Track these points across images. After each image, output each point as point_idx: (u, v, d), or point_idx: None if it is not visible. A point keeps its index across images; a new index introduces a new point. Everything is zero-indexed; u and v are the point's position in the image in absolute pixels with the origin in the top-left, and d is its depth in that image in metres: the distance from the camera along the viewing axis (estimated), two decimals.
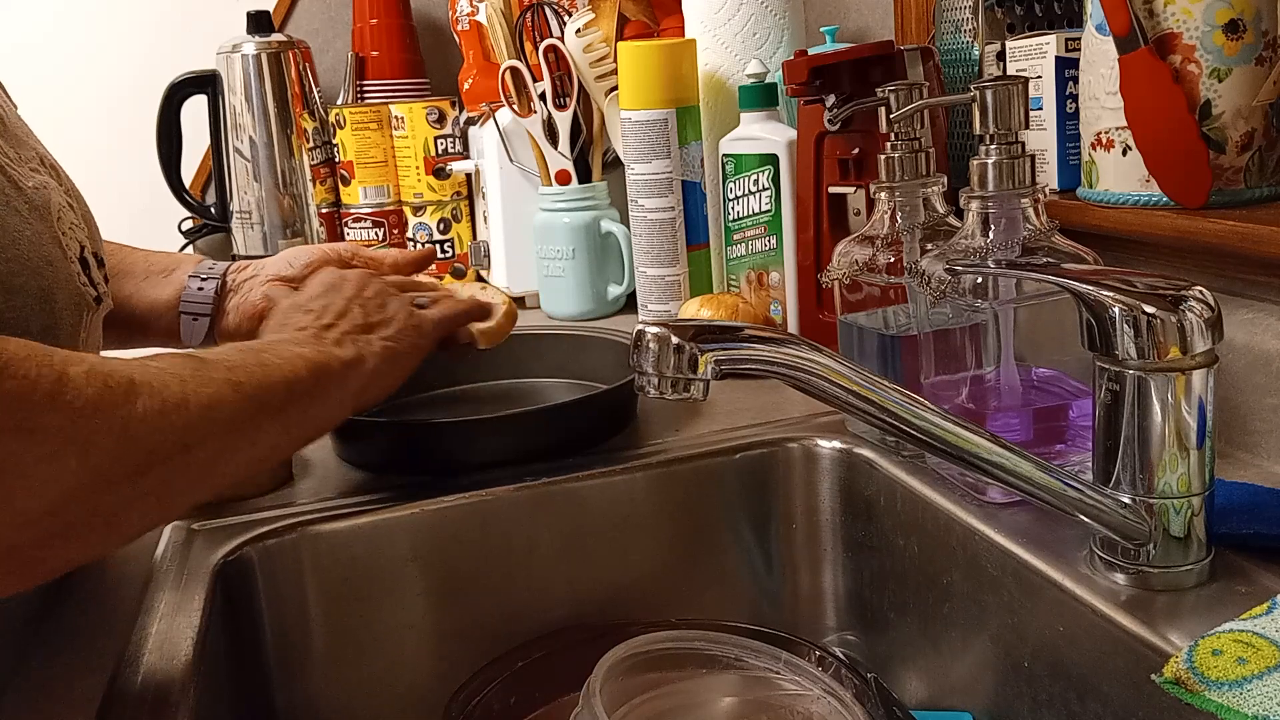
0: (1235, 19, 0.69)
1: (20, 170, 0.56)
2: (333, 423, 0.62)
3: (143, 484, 0.46)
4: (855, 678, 0.64)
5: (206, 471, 0.50)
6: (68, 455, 0.42)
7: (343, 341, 0.62)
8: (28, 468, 0.41)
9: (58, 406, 0.42)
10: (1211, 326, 0.49)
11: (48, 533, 0.43)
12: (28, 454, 0.41)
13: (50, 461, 0.42)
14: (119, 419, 0.44)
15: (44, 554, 0.44)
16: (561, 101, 1.19)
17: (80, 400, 0.43)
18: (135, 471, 0.46)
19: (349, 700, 0.70)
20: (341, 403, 0.61)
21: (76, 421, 0.43)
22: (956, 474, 0.65)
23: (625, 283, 1.19)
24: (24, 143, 0.59)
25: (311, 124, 1.40)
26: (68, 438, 0.42)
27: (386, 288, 0.70)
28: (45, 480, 0.42)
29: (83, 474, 0.43)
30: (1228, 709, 0.42)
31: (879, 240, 0.72)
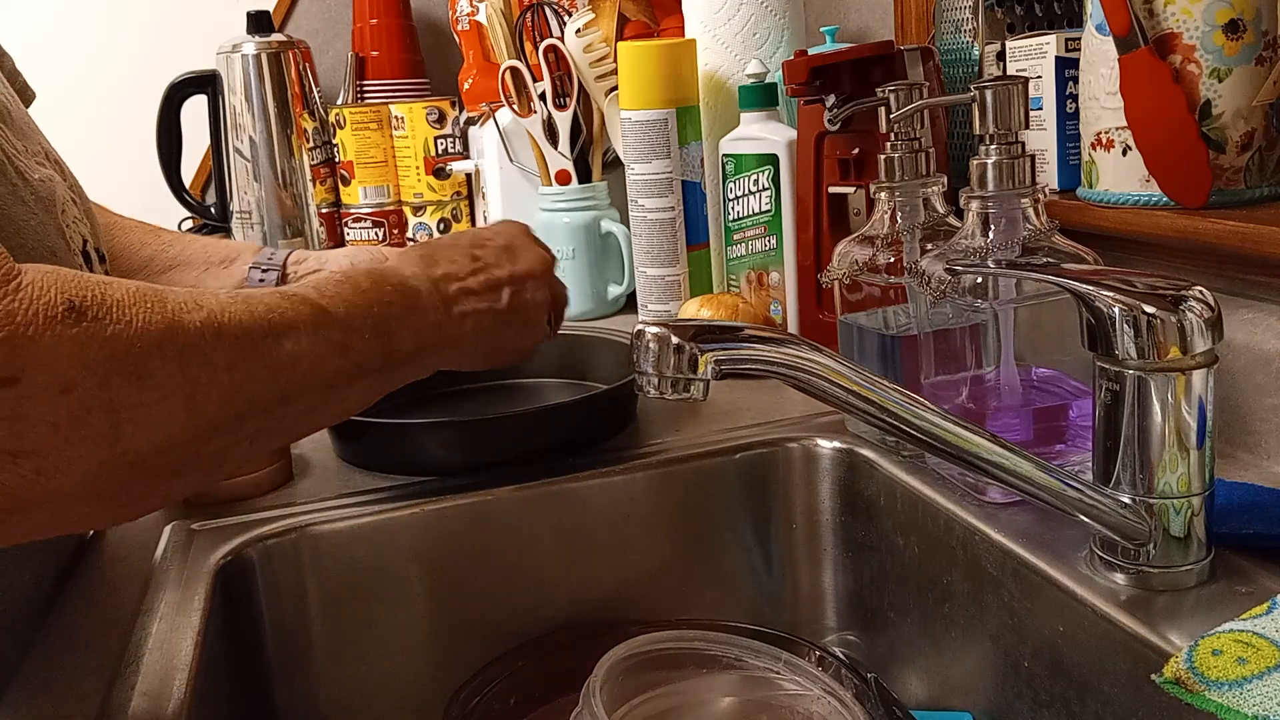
0: (1235, 19, 0.69)
1: (27, 162, 0.56)
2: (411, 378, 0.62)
3: (243, 430, 0.47)
4: (855, 678, 0.64)
5: (298, 422, 0.52)
6: (175, 401, 0.43)
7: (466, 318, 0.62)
8: (138, 411, 0.42)
9: (166, 354, 0.43)
10: (1211, 326, 0.49)
11: (154, 471, 0.44)
12: (137, 398, 0.41)
13: (159, 406, 0.42)
14: (229, 370, 0.45)
15: (148, 490, 0.45)
16: (561, 101, 1.19)
17: (192, 348, 0.44)
18: (238, 419, 0.46)
19: (349, 700, 0.70)
20: (425, 369, 0.61)
21: (187, 368, 0.43)
22: (956, 474, 0.65)
23: (625, 283, 1.19)
24: (29, 136, 0.60)
25: (311, 124, 1.40)
26: (177, 384, 0.43)
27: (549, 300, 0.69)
28: (154, 424, 0.42)
29: (190, 420, 0.44)
30: (1228, 709, 0.42)
31: (879, 240, 0.72)
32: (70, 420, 0.39)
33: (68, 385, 0.39)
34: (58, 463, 0.40)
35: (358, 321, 0.54)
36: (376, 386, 0.57)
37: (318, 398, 0.52)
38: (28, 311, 0.38)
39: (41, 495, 0.40)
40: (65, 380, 0.39)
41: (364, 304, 0.55)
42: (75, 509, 0.43)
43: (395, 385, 0.59)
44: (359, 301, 0.55)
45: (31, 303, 0.39)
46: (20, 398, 0.38)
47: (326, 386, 0.52)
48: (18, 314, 0.38)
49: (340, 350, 0.52)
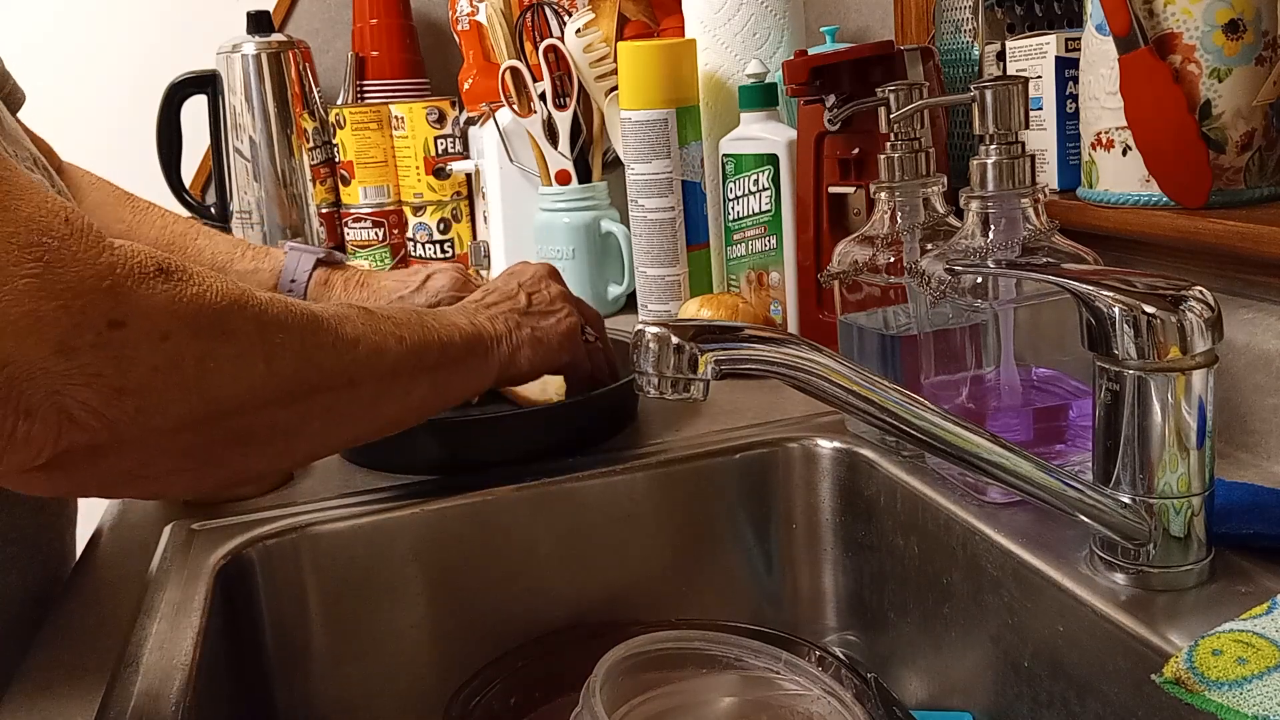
0: (1235, 19, 0.69)
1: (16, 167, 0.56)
2: (475, 390, 0.68)
3: (315, 405, 0.52)
4: (855, 678, 0.64)
5: (366, 409, 0.56)
6: (256, 358, 0.47)
7: (496, 319, 0.68)
8: (223, 363, 0.46)
9: (246, 314, 0.47)
10: (1211, 326, 0.49)
11: (233, 433, 0.48)
12: (223, 350, 0.46)
13: (241, 360, 0.47)
14: (300, 339, 0.50)
15: (226, 453, 0.49)
16: (561, 101, 1.19)
17: (267, 314, 0.48)
18: (310, 391, 0.51)
19: (349, 700, 0.70)
20: (484, 374, 0.67)
21: (264, 330, 0.48)
22: (956, 474, 0.65)
23: (625, 283, 1.19)
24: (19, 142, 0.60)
25: (311, 124, 1.40)
26: (256, 342, 0.48)
27: (564, 292, 0.76)
28: (236, 377, 0.47)
29: (268, 380, 0.48)
30: (1228, 709, 0.42)
31: (879, 240, 0.72)
32: (168, 364, 0.44)
33: (165, 333, 0.44)
34: (156, 402, 0.44)
35: (404, 320, 0.59)
36: (438, 387, 0.61)
37: (383, 385, 0.56)
38: (125, 266, 0.42)
39: (139, 433, 0.44)
40: (163, 328, 0.43)
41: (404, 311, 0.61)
42: (161, 459, 0.46)
43: (456, 392, 0.65)
44: (398, 310, 0.60)
45: (128, 260, 0.43)
46: (127, 340, 0.42)
47: (389, 373, 0.56)
48: (118, 267, 0.42)
49: (395, 339, 0.57)
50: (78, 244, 0.41)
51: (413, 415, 0.62)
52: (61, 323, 0.40)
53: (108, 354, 0.42)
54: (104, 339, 0.42)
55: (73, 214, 0.42)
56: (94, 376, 0.42)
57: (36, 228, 0.40)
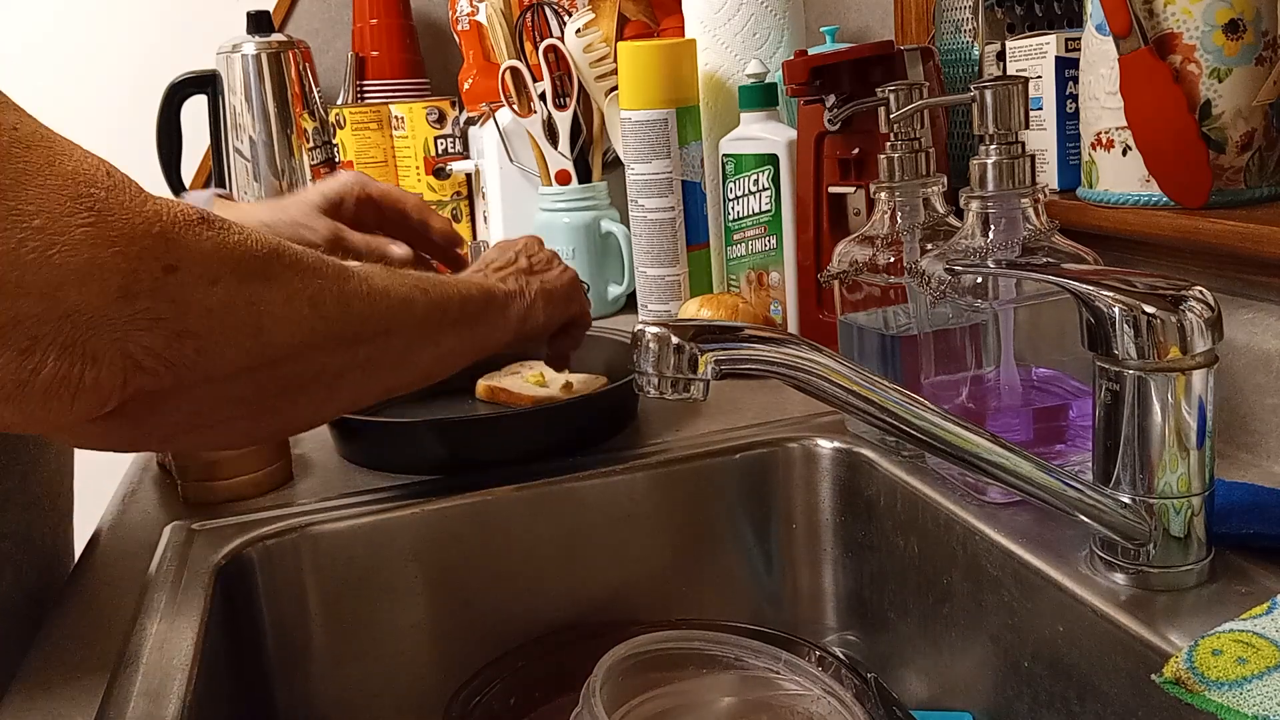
0: (1235, 19, 0.69)
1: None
2: (499, 343, 0.69)
3: (357, 353, 0.53)
4: (855, 678, 0.64)
5: (401, 358, 0.58)
6: (301, 302, 0.49)
7: (506, 279, 0.71)
8: (271, 308, 0.47)
9: (286, 261, 0.49)
10: (1211, 326, 0.49)
11: (283, 380, 0.50)
12: (269, 295, 0.47)
13: (289, 304, 0.48)
14: (338, 286, 0.51)
15: (277, 404, 0.51)
16: (561, 101, 1.19)
17: (304, 262, 0.50)
18: (352, 339, 0.53)
19: (349, 700, 0.70)
20: (505, 326, 0.69)
21: (305, 276, 0.49)
22: (956, 474, 0.65)
23: (625, 283, 1.19)
24: None
25: (311, 124, 1.39)
26: (300, 287, 0.49)
27: (554, 252, 0.79)
28: (285, 320, 0.48)
29: (314, 325, 0.50)
30: (1228, 709, 0.42)
31: (879, 240, 0.72)
32: (221, 307, 0.45)
33: (214, 277, 0.45)
34: (214, 345, 0.45)
35: (422, 277, 0.61)
36: (464, 339, 0.64)
37: (414, 335, 0.58)
38: (171, 213, 0.44)
39: (198, 377, 0.45)
40: (212, 273, 0.45)
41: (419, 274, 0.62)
42: (217, 407, 0.48)
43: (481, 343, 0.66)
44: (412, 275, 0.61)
45: (171, 208, 0.44)
46: (180, 284, 0.43)
47: (419, 324, 0.58)
48: (164, 214, 0.43)
49: (420, 291, 0.58)
50: (123, 194, 0.42)
51: (443, 366, 0.63)
52: (120, 269, 0.41)
53: (165, 298, 0.43)
54: (161, 283, 0.43)
55: (112, 168, 0.43)
56: (155, 321, 0.43)
57: (83, 179, 0.42)
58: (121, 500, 0.75)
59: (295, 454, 0.78)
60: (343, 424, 0.78)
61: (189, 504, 0.72)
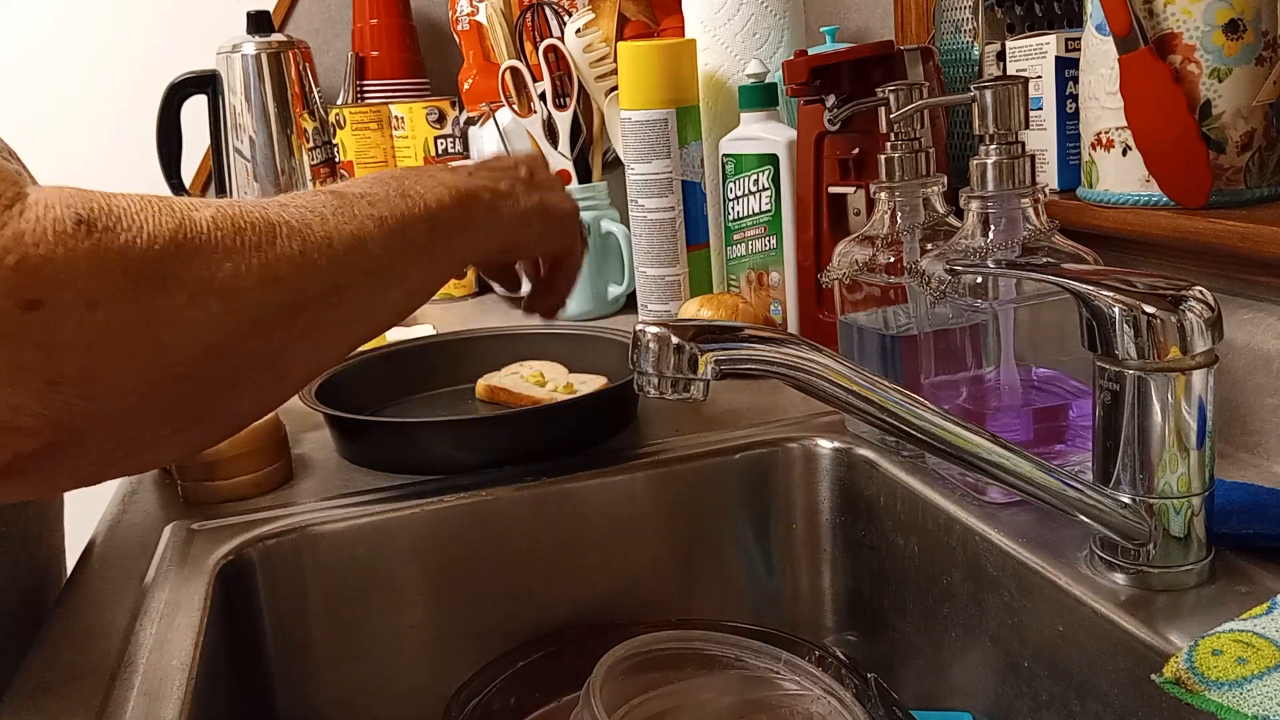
0: (1235, 19, 0.69)
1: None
2: (485, 252, 0.60)
3: (298, 325, 0.45)
4: (855, 678, 0.64)
5: (362, 310, 0.49)
6: (209, 299, 0.41)
7: (498, 179, 0.60)
8: (171, 317, 0.40)
9: (186, 253, 0.40)
10: (1211, 326, 0.49)
11: (209, 383, 0.42)
12: (167, 304, 0.40)
13: (192, 307, 0.40)
14: (258, 260, 0.43)
15: (210, 406, 0.44)
16: (561, 101, 1.19)
17: (211, 243, 0.41)
18: (287, 313, 0.44)
19: (349, 700, 0.70)
20: (490, 232, 0.59)
21: (211, 265, 0.41)
22: (956, 474, 0.65)
23: (625, 283, 1.19)
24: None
25: (311, 124, 1.39)
26: (204, 282, 0.41)
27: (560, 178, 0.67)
28: (192, 327, 0.41)
29: (230, 318, 0.42)
30: (1228, 709, 0.42)
31: (879, 240, 0.72)
32: (105, 336, 0.38)
33: (93, 301, 0.37)
34: (102, 385, 0.38)
35: (380, 193, 0.51)
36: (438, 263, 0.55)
37: (370, 281, 0.49)
38: (36, 231, 0.36)
39: (94, 421, 0.39)
40: (89, 296, 0.37)
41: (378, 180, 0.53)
42: (138, 434, 0.41)
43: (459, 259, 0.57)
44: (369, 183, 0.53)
45: (38, 221, 0.37)
46: (46, 322, 0.36)
47: (375, 267, 0.49)
48: (26, 234, 0.36)
49: (375, 222, 0.49)
50: None
51: (415, 299, 0.55)
52: None
53: (28, 344, 0.36)
54: (19, 325, 0.36)
55: None
56: (17, 373, 0.36)
57: None
58: (121, 500, 0.75)
59: (295, 454, 0.78)
60: (343, 424, 0.78)
61: (189, 504, 0.72)
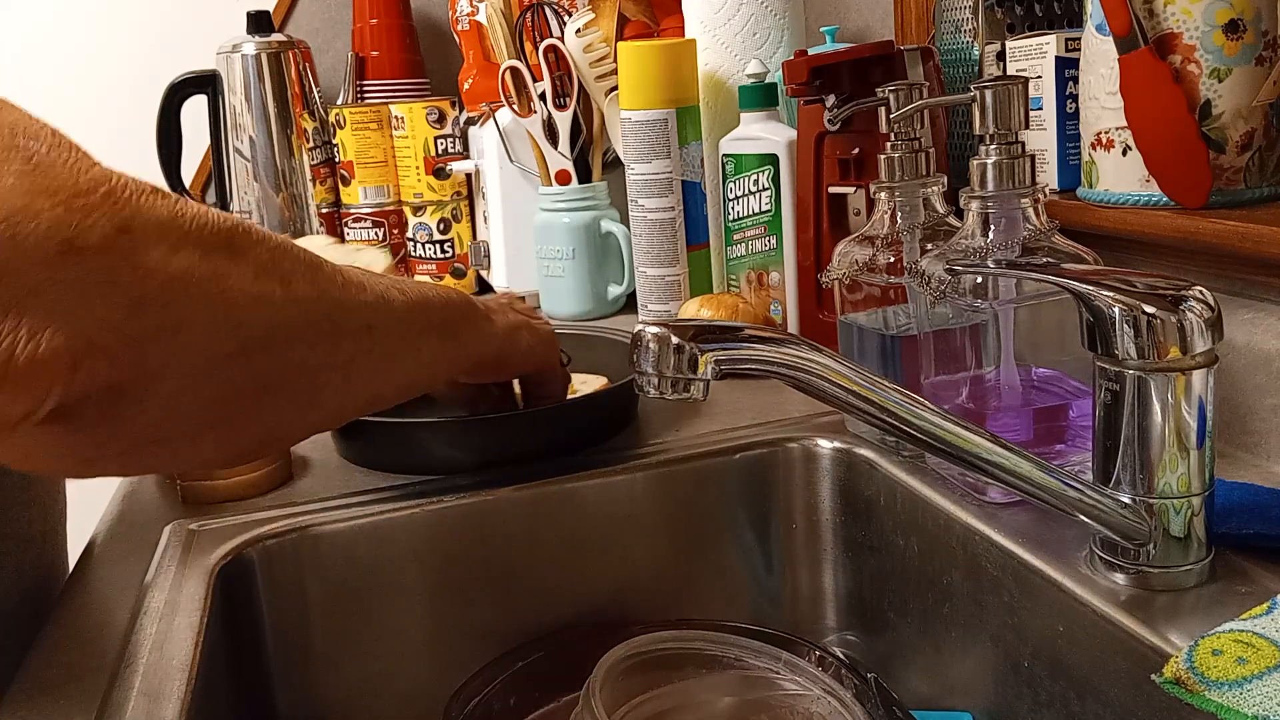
0: (1235, 19, 0.69)
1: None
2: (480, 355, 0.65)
3: (338, 351, 0.49)
4: (855, 678, 0.64)
5: (382, 363, 0.53)
6: (272, 280, 0.44)
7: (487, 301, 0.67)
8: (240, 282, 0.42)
9: (252, 238, 0.44)
10: (1211, 326, 0.49)
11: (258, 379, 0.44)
12: (235, 269, 0.42)
13: (259, 279, 0.43)
14: (309, 271, 0.47)
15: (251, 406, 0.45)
16: (561, 101, 1.19)
17: (272, 239, 0.45)
18: (332, 332, 0.48)
19: (349, 700, 0.70)
20: (489, 338, 0.64)
21: (274, 254, 0.44)
22: (956, 474, 0.65)
23: (625, 283, 1.19)
24: None
25: (311, 124, 1.40)
26: (268, 265, 0.44)
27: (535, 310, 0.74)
28: (258, 300, 0.43)
29: (289, 310, 0.45)
30: (1228, 709, 0.42)
31: (879, 240, 0.72)
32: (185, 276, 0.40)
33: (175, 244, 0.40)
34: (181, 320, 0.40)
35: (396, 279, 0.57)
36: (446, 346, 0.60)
37: (395, 336, 0.54)
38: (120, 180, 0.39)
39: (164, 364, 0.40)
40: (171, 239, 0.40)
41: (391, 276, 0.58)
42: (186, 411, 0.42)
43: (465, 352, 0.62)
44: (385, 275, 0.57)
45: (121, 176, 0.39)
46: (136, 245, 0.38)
47: (399, 323, 0.54)
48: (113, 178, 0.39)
49: (398, 290, 0.55)
50: (69, 153, 0.38)
51: (426, 376, 0.60)
52: (63, 221, 0.35)
53: (119, 257, 0.37)
54: (113, 242, 0.37)
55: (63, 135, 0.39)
56: (110, 283, 0.37)
57: (23, 132, 0.37)
58: (121, 500, 0.75)
59: (295, 454, 0.78)
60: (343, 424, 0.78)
61: (189, 504, 0.72)
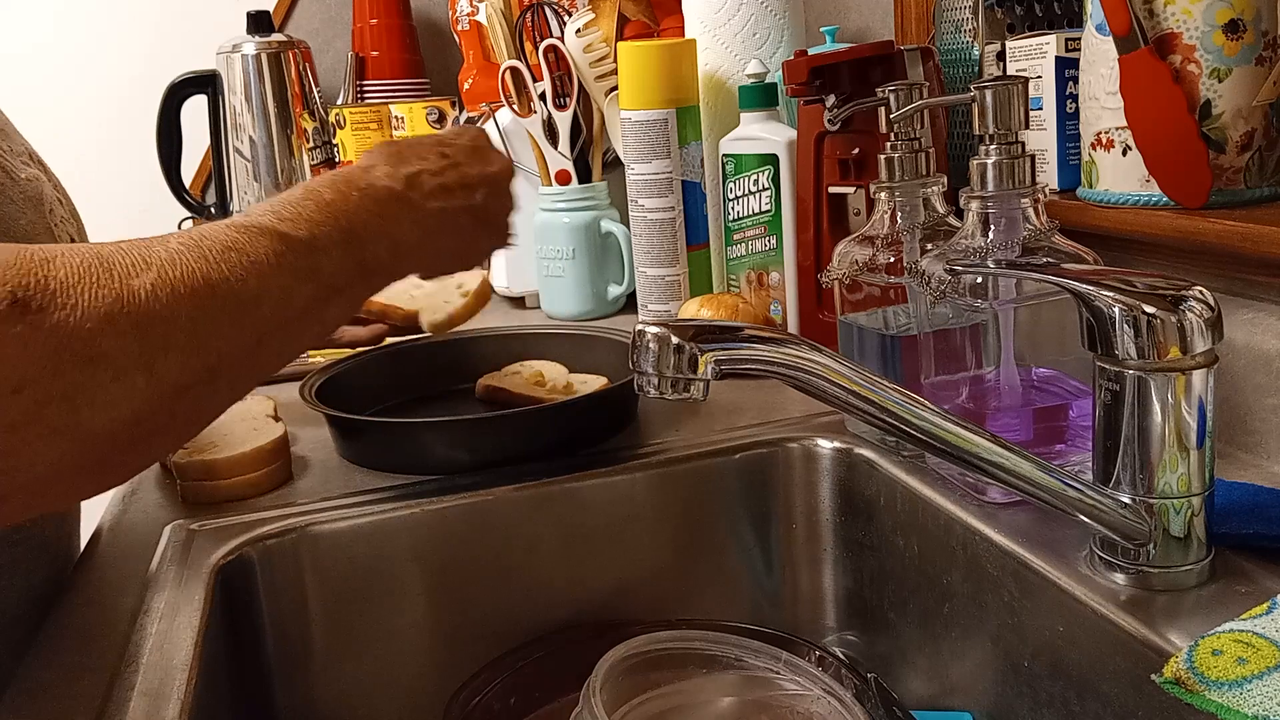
0: (1235, 19, 0.69)
1: (13, 162, 0.56)
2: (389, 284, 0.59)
3: (217, 383, 0.46)
4: (855, 678, 0.64)
5: (276, 357, 0.50)
6: (135, 374, 0.41)
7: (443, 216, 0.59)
8: (95, 393, 0.40)
9: (122, 325, 0.41)
10: (1211, 326, 0.49)
11: (127, 442, 0.43)
12: (92, 380, 0.40)
13: (118, 382, 0.41)
14: (192, 325, 0.43)
15: (126, 458, 0.44)
16: (561, 101, 1.19)
17: (143, 317, 0.42)
18: (208, 374, 0.45)
19: (349, 700, 0.70)
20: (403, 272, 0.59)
21: (142, 340, 0.42)
22: (956, 474, 0.65)
23: (625, 283, 1.19)
24: (12, 137, 0.60)
25: (311, 124, 1.40)
26: (135, 355, 0.41)
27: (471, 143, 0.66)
28: (114, 402, 0.41)
29: (154, 388, 0.42)
30: (1228, 709, 0.42)
31: (879, 240, 0.72)
32: (26, 418, 0.38)
33: (18, 385, 0.38)
34: (21, 460, 0.39)
35: (324, 240, 0.51)
36: (354, 300, 0.55)
37: (292, 330, 0.50)
38: None
39: (12, 488, 0.39)
40: (15, 380, 0.38)
41: (329, 218, 0.52)
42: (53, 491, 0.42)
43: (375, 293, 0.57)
44: (323, 218, 0.51)
45: None
46: None
47: (299, 316, 0.49)
48: None
49: (309, 275, 0.49)
50: None
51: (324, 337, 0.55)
52: None
53: None
54: None
55: None
56: None
57: None
58: (121, 500, 0.75)
59: (295, 454, 0.78)
60: (343, 424, 0.78)
61: (189, 504, 0.72)
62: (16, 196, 0.53)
